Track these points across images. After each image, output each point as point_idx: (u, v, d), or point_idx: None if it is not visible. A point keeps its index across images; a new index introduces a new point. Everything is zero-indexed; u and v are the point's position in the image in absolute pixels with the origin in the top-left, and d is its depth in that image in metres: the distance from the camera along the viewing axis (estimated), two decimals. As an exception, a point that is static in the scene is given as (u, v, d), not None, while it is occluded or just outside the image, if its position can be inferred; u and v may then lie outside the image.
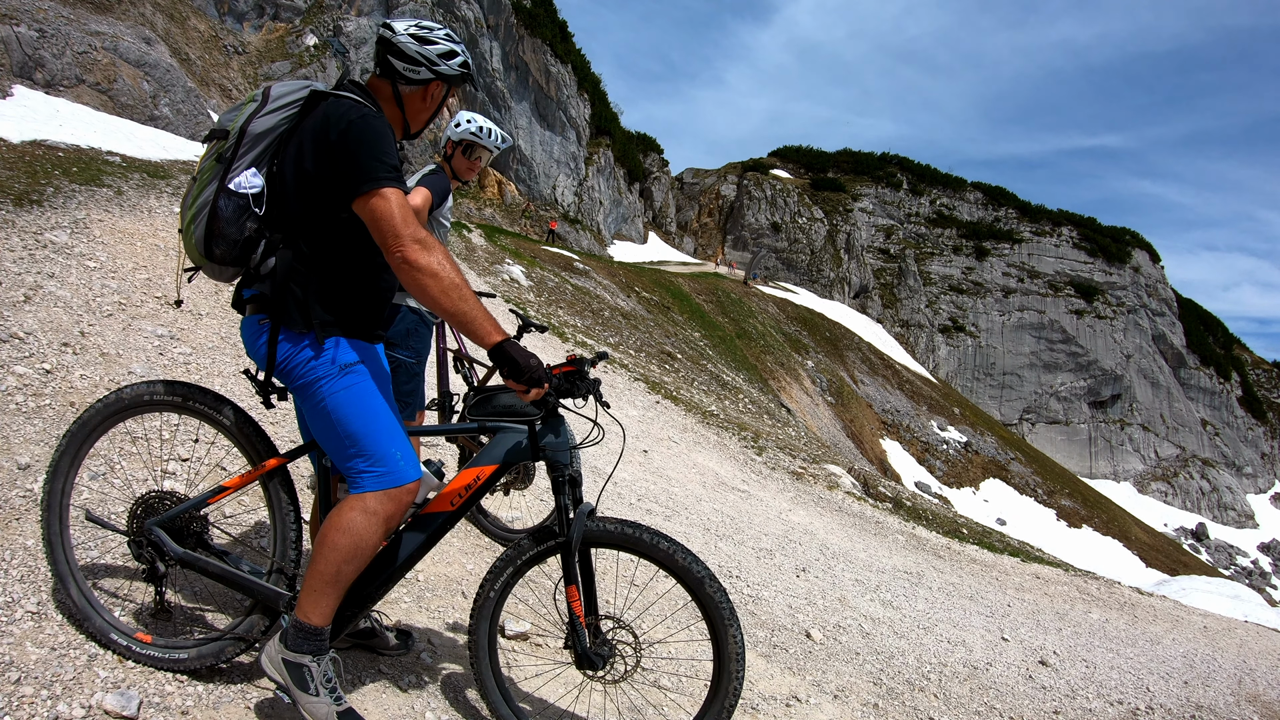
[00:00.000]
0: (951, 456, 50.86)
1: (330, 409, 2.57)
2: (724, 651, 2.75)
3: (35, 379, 4.44)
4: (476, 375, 5.34)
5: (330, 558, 2.52)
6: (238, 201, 2.54)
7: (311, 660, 2.56)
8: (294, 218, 2.59)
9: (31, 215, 7.73)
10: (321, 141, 2.51)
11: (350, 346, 2.63)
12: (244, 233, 2.56)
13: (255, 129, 2.58)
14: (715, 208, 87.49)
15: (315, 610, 2.56)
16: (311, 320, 2.59)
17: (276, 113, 2.61)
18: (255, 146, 2.58)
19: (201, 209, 2.56)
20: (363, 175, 2.44)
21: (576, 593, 2.77)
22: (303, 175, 2.55)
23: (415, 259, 2.41)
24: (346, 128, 2.48)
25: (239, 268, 2.65)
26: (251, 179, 2.55)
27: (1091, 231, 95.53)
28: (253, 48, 37.04)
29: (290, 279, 2.58)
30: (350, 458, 2.58)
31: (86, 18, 19.59)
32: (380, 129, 2.52)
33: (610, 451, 7.96)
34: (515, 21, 55.67)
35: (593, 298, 24.51)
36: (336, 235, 2.61)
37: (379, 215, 2.42)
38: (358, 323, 2.69)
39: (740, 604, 5.58)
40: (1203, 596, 13.86)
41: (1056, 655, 6.62)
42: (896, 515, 11.44)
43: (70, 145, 12.14)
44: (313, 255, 2.60)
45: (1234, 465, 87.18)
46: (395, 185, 2.46)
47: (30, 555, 2.96)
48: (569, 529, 2.74)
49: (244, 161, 2.57)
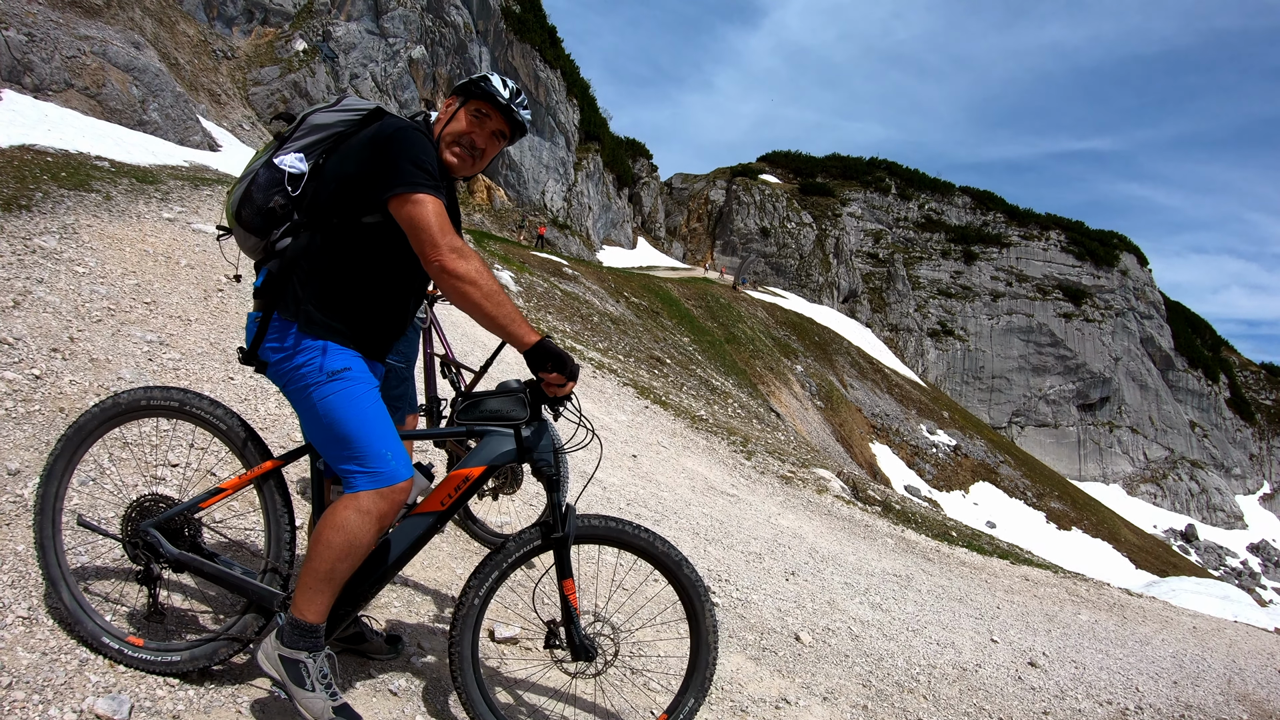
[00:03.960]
0: (941, 460, 50.97)
1: (322, 413, 2.62)
2: (700, 625, 3.00)
3: (25, 384, 4.44)
4: (463, 380, 5.35)
5: (325, 555, 2.57)
6: (275, 175, 2.72)
7: (307, 656, 2.61)
8: (322, 210, 2.69)
9: (20, 220, 7.72)
10: (368, 145, 2.65)
11: (340, 353, 2.67)
12: (269, 203, 2.72)
13: (315, 120, 2.79)
14: (704, 213, 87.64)
15: (310, 607, 2.61)
16: (300, 311, 2.67)
17: (340, 114, 2.80)
18: (310, 135, 2.78)
19: (247, 175, 2.76)
20: (401, 178, 2.56)
21: (573, 585, 2.90)
22: (343, 174, 2.68)
23: (454, 267, 2.53)
24: (393, 133, 2.62)
25: (260, 239, 2.79)
26: (296, 161, 2.74)
27: (1080, 235, 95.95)
28: (242, 52, 36.95)
29: (297, 262, 2.69)
30: (343, 459, 2.63)
31: (75, 22, 19.52)
32: (424, 142, 2.67)
33: (594, 455, 7.97)
34: (504, 27, 55.70)
35: (582, 303, 24.51)
36: (351, 240, 2.70)
37: (417, 222, 2.54)
38: (352, 334, 2.74)
39: (729, 607, 5.60)
40: (1192, 597, 13.94)
41: (1045, 656, 6.65)
42: (886, 518, 11.47)
43: (59, 150, 12.12)
44: (323, 251, 2.70)
45: (1222, 467, 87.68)
46: (433, 194, 2.58)
47: (21, 560, 2.97)
48: (564, 525, 2.85)
49: (295, 145, 2.76)
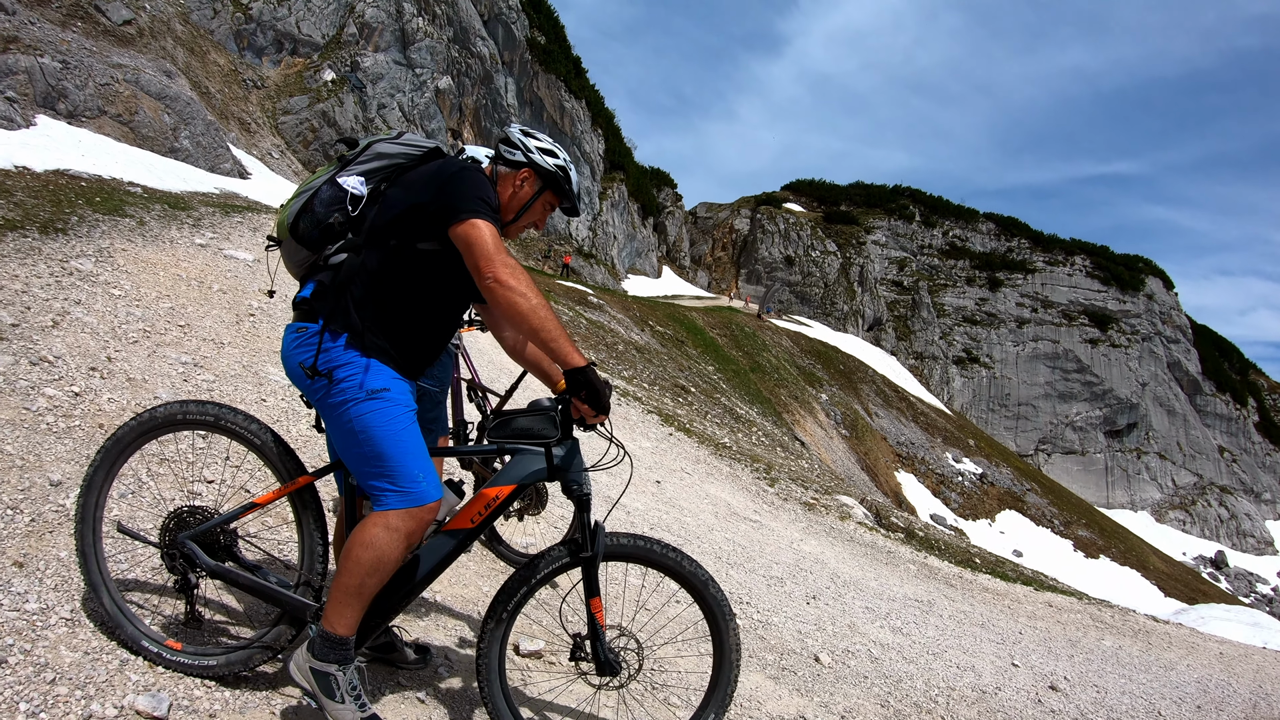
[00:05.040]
0: (967, 488, 50.59)
1: (357, 430, 2.69)
2: (724, 643, 3.03)
3: (65, 401, 4.58)
4: (489, 404, 5.45)
5: (354, 571, 2.63)
6: (338, 193, 2.84)
7: (337, 669, 2.67)
8: (381, 233, 2.80)
9: (57, 243, 7.92)
10: (434, 179, 2.76)
11: (381, 372, 2.74)
12: (329, 218, 2.83)
13: (380, 149, 2.92)
14: (729, 241, 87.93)
15: (340, 621, 2.67)
16: (348, 325, 2.76)
17: (402, 146, 2.94)
18: (372, 162, 2.91)
19: (306, 192, 2.87)
20: (464, 207, 2.66)
21: (600, 603, 2.94)
22: (408, 202, 2.78)
23: (506, 279, 2.62)
24: (458, 171, 2.76)
25: (312, 252, 2.90)
26: (358, 184, 2.86)
27: (1104, 260, 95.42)
28: (271, 82, 37.55)
29: (353, 278, 2.79)
30: (374, 477, 2.69)
31: (109, 50, 19.97)
32: (486, 182, 2.80)
33: (620, 479, 8.04)
34: (530, 58, 56.30)
35: (607, 332, 24.63)
36: (406, 263, 2.80)
37: (473, 240, 2.64)
38: (395, 353, 2.81)
39: (750, 629, 5.63)
40: (1221, 624, 13.74)
41: (1067, 680, 6.62)
42: (908, 545, 11.43)
43: (93, 175, 12.40)
44: (378, 271, 2.79)
45: (1252, 492, 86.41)
46: (491, 221, 2.68)
47: (63, 566, 3.08)
48: (594, 544, 2.89)
49: (358, 168, 2.89)
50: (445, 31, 48.86)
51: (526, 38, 56.07)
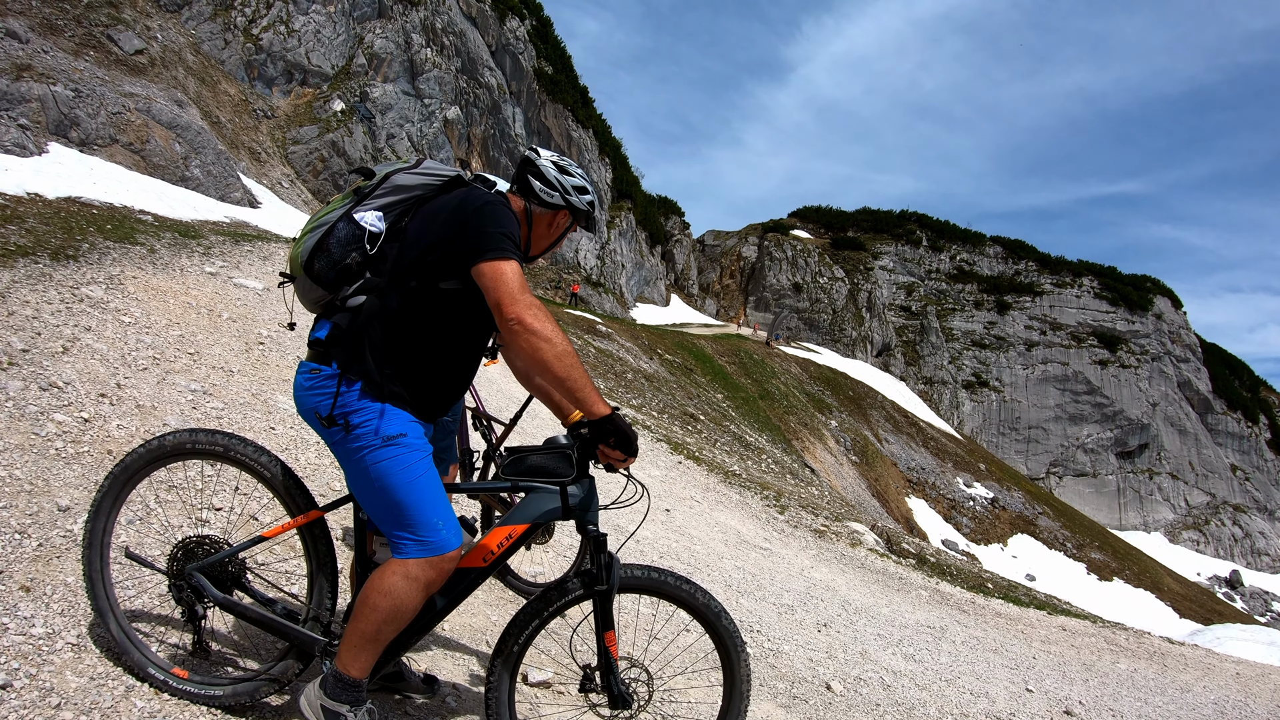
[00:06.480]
0: (978, 513, 50.26)
1: (374, 477, 2.64)
2: (735, 674, 3.00)
3: (74, 426, 4.58)
4: (494, 433, 5.43)
5: (371, 618, 2.60)
6: (354, 231, 2.74)
7: (349, 710, 2.64)
8: (402, 273, 2.73)
9: (68, 269, 7.96)
10: (457, 214, 2.69)
11: (397, 417, 2.69)
12: (346, 258, 2.73)
13: (398, 181, 2.82)
14: (737, 269, 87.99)
15: (355, 664, 2.64)
16: (364, 371, 2.69)
17: (421, 177, 2.84)
18: (390, 195, 2.81)
19: (320, 226, 2.77)
20: (488, 244, 2.60)
21: (614, 636, 2.89)
22: (429, 240, 2.71)
23: (530, 323, 2.53)
24: (482, 205, 2.68)
25: (327, 292, 2.80)
26: (375, 220, 2.76)
27: (1112, 280, 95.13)
28: (281, 112, 37.89)
29: (372, 322, 2.71)
30: (392, 525, 2.64)
31: (121, 79, 20.18)
32: (510, 216, 2.72)
33: (635, 511, 7.99)
34: (537, 87, 56.68)
35: (616, 360, 24.63)
36: (427, 304, 2.74)
37: (497, 280, 2.56)
38: (412, 398, 2.76)
39: (760, 657, 5.58)
40: (1237, 644, 13.57)
41: (1082, 705, 6.55)
42: (920, 571, 11.36)
43: (104, 203, 12.49)
44: (398, 314, 2.73)
45: (1266, 510, 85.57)
46: (516, 259, 2.62)
47: (70, 591, 3.06)
48: (609, 577, 2.83)
49: (375, 202, 2.79)
50: (453, 62, 49.30)
51: (534, 68, 56.49)
